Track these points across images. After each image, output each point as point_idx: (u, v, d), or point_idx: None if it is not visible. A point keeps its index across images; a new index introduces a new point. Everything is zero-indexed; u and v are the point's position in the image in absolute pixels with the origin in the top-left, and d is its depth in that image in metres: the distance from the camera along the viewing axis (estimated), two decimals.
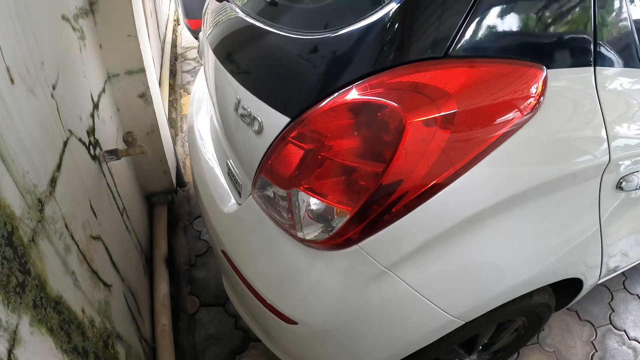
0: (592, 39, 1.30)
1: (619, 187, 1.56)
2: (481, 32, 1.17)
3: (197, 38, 5.59)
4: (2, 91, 1.02)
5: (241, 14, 1.73)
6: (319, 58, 1.31)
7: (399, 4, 1.17)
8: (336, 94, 1.19)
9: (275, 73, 1.44)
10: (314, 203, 1.25)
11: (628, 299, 2.84)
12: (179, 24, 7.05)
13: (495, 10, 1.17)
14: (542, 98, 1.22)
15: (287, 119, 1.28)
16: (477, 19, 1.15)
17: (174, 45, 6.12)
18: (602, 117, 1.37)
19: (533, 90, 1.20)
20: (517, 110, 1.19)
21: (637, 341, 2.59)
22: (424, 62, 1.15)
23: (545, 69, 1.22)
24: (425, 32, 1.16)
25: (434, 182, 1.18)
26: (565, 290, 1.89)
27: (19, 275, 0.95)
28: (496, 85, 1.17)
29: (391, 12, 1.18)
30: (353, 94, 1.16)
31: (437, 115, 1.12)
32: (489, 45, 1.18)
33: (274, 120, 1.33)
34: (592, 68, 1.32)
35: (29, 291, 0.99)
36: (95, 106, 1.92)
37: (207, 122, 2.25)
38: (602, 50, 1.33)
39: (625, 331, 2.64)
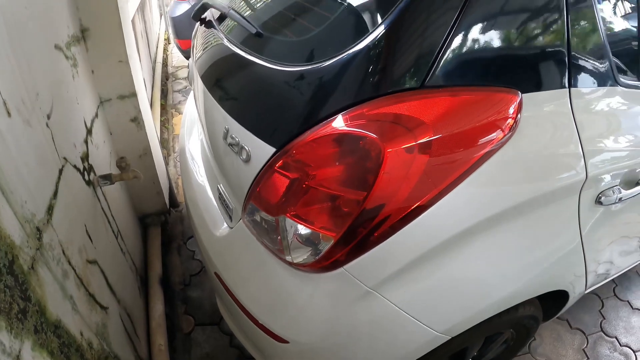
0: (567, 61, 1.35)
1: (598, 201, 1.60)
2: (456, 63, 1.21)
3: (187, 58, 5.61)
4: (0, 125, 1.05)
5: (227, 43, 1.76)
6: (303, 90, 1.35)
7: (377, 39, 1.22)
8: (319, 125, 1.23)
9: (261, 104, 1.48)
10: (301, 229, 1.29)
11: (618, 305, 2.86)
12: (169, 43, 7.04)
13: (469, 42, 1.22)
14: (517, 122, 1.26)
15: (273, 149, 1.33)
16: (451, 52, 1.20)
17: (165, 64, 6.13)
18: (578, 136, 1.41)
19: (508, 114, 1.24)
20: (492, 134, 1.23)
21: (629, 347, 2.61)
22: (402, 93, 1.19)
23: (520, 94, 1.26)
24: (403, 64, 1.21)
25: (417, 204, 1.22)
26: (554, 301, 1.91)
27: (21, 302, 0.98)
28: (471, 112, 1.22)
29: (370, 47, 1.23)
30: (334, 126, 1.21)
31: (415, 143, 1.16)
32: (464, 74, 1.23)
33: (261, 150, 1.37)
34: (567, 90, 1.37)
35: (30, 317, 1.02)
36: (89, 132, 1.94)
37: (198, 145, 2.28)
38: (577, 72, 1.38)
39: (616, 337, 2.66)
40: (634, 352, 2.60)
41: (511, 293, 1.52)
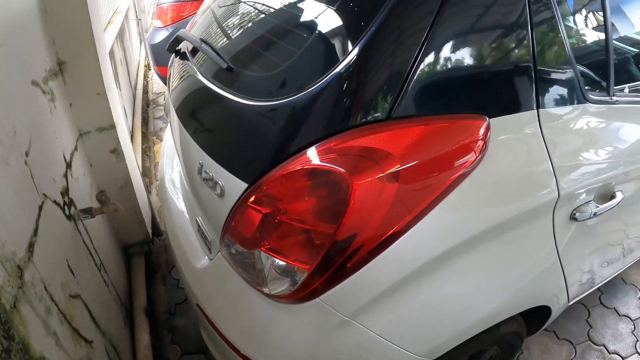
0: (534, 83, 1.37)
1: (572, 218, 1.62)
2: (421, 93, 1.24)
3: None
4: None
5: (200, 76, 1.78)
6: (272, 125, 1.38)
7: (342, 74, 1.25)
8: (288, 160, 1.26)
9: (232, 139, 1.51)
10: (276, 262, 1.30)
11: (605, 313, 2.87)
12: (150, 70, 7.01)
13: (433, 71, 1.25)
14: (486, 146, 1.29)
15: (245, 185, 1.35)
16: (415, 82, 1.23)
17: (145, 91, 6.11)
18: (549, 156, 1.44)
19: (475, 140, 1.27)
20: (461, 160, 1.26)
21: (617, 354, 2.62)
22: (369, 125, 1.22)
23: (487, 119, 1.29)
24: (369, 97, 1.23)
25: (390, 232, 1.24)
26: (537, 316, 1.91)
27: (4, 341, 0.99)
28: (438, 140, 1.24)
29: (336, 81, 1.26)
30: (303, 161, 1.23)
31: (382, 175, 1.19)
32: (429, 103, 1.26)
33: (234, 185, 1.39)
34: (535, 111, 1.39)
35: (14, 355, 1.02)
36: (68, 165, 1.95)
37: (178, 175, 2.28)
38: (545, 93, 1.41)
39: (604, 345, 2.66)
40: (622, 358, 2.60)
41: (491, 313, 1.54)
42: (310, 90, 1.30)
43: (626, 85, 1.85)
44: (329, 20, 1.44)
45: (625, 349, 2.66)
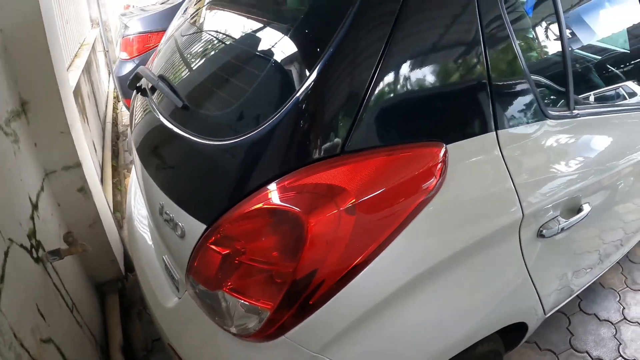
0: (490, 105, 1.38)
1: (540, 235, 1.62)
2: (373, 125, 1.25)
3: None
4: None
5: (158, 114, 1.77)
6: (227, 165, 1.38)
7: (293, 112, 1.26)
8: (244, 200, 1.26)
9: (190, 180, 1.51)
10: (239, 302, 1.29)
11: (586, 320, 2.87)
12: (119, 101, 6.97)
13: (385, 103, 1.26)
14: (444, 173, 1.29)
15: (204, 226, 1.34)
16: (367, 116, 1.24)
17: (115, 123, 6.08)
18: (510, 177, 1.45)
19: (433, 167, 1.27)
20: (420, 188, 1.26)
21: (601, 359, 2.63)
22: (322, 162, 1.22)
23: (444, 145, 1.30)
24: (322, 132, 1.24)
25: (354, 263, 1.24)
26: (517, 330, 1.90)
27: None
28: (393, 170, 1.25)
29: (288, 119, 1.26)
30: (258, 201, 1.23)
31: (337, 210, 1.19)
32: (383, 134, 1.27)
33: (193, 227, 1.38)
34: (494, 133, 1.40)
35: None
36: (35, 207, 1.92)
37: (145, 211, 2.24)
38: (502, 114, 1.42)
39: (587, 352, 2.66)
40: None
41: (464, 335, 1.53)
42: (261, 129, 1.30)
43: (591, 93, 1.87)
44: (275, 61, 1.45)
45: (609, 353, 2.66)
